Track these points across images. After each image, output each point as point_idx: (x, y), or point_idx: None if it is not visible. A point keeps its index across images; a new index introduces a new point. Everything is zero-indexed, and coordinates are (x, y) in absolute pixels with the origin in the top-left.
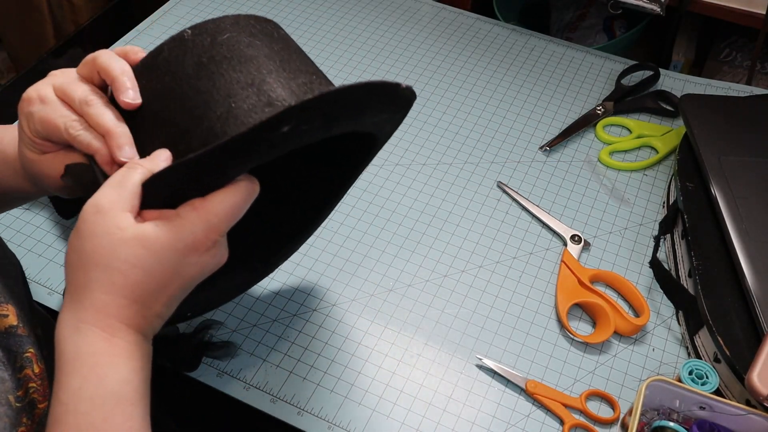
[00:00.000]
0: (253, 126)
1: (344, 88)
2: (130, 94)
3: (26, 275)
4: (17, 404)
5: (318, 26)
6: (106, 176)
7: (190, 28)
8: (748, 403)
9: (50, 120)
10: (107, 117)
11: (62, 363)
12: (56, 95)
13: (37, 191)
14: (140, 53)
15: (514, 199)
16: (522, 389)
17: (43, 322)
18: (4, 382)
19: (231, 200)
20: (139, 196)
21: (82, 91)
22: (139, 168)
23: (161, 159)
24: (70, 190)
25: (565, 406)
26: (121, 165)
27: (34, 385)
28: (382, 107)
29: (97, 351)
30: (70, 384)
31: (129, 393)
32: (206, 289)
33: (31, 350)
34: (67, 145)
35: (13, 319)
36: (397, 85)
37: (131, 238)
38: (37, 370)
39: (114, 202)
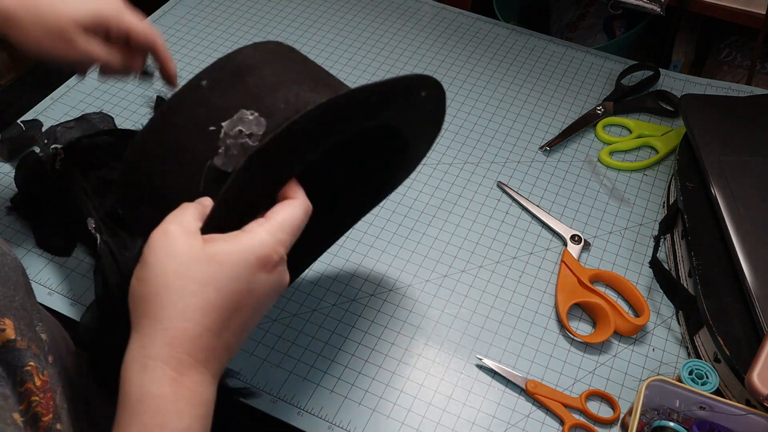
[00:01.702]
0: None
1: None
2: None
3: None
4: (22, 418)
5: (318, 26)
6: None
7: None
8: (748, 403)
9: (141, 28)
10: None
11: (125, 403)
12: None
13: None
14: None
15: (514, 199)
16: (522, 389)
17: (49, 326)
18: (7, 399)
19: (294, 213)
20: (200, 220)
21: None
22: (195, 204)
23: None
24: (49, 57)
25: (565, 406)
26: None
27: (37, 398)
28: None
29: (162, 395)
30: (130, 429)
31: None
32: None
33: (32, 363)
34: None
35: (10, 333)
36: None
37: (203, 255)
38: (38, 383)
39: (181, 224)
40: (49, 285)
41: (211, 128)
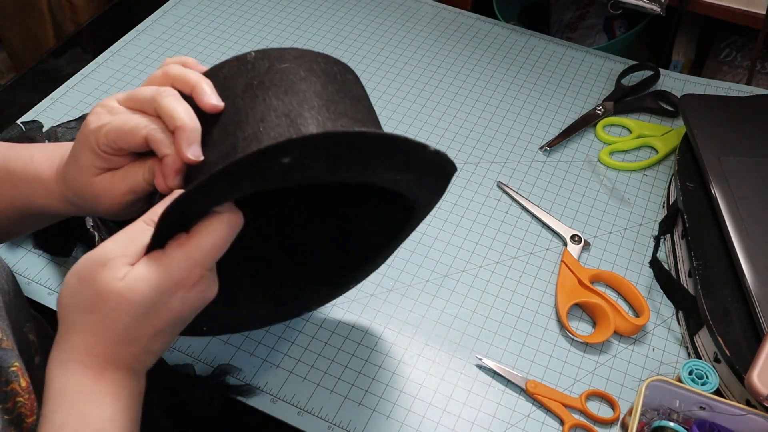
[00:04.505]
0: (255, 151)
1: (353, 132)
2: (213, 99)
3: (27, 275)
4: (6, 416)
5: (318, 26)
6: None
7: (255, 51)
8: (748, 403)
9: (125, 126)
10: (181, 108)
11: (48, 398)
12: (124, 105)
13: (76, 212)
14: (199, 66)
15: (514, 199)
16: (522, 389)
17: (37, 327)
18: None
19: (214, 234)
20: (144, 251)
21: (151, 89)
22: (142, 228)
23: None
24: (128, 212)
25: (565, 406)
26: (186, 162)
27: (21, 399)
28: (400, 165)
29: (83, 389)
30: (54, 420)
31: (113, 431)
32: (224, 308)
33: (17, 364)
34: (132, 159)
35: None
36: (420, 146)
37: (123, 287)
38: (23, 384)
39: (120, 256)
40: (48, 285)
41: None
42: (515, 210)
